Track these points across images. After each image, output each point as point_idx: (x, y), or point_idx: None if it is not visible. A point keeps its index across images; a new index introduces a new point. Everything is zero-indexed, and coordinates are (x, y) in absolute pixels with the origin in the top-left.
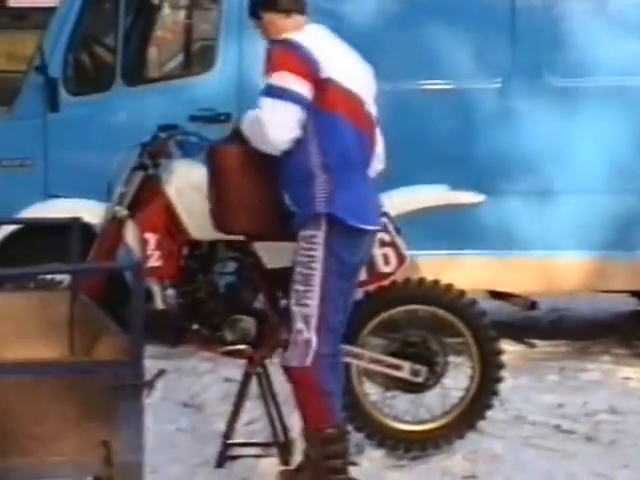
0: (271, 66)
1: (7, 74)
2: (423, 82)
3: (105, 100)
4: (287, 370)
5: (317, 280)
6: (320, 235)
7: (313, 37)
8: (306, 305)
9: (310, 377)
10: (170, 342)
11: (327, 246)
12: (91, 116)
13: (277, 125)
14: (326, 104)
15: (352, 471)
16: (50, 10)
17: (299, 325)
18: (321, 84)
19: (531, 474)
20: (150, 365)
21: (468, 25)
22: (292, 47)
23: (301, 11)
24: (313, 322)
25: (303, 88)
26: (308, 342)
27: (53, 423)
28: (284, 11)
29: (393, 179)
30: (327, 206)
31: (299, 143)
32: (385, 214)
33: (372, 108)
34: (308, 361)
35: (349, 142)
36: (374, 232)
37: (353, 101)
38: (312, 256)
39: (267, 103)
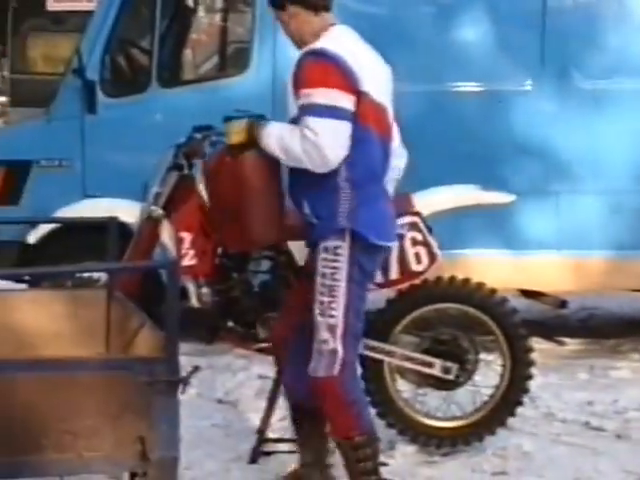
0: (310, 81)
1: (45, 76)
2: (454, 84)
3: (141, 101)
4: (313, 381)
5: (342, 290)
6: (344, 246)
7: (344, 44)
8: (331, 316)
9: (337, 387)
10: (205, 339)
11: (351, 257)
12: (127, 117)
13: (335, 147)
14: (360, 117)
15: (383, 470)
16: (88, 14)
17: (324, 335)
18: (359, 97)
19: (561, 471)
20: (185, 362)
21: (499, 27)
22: (330, 59)
23: (328, 9)
24: (338, 332)
25: (350, 103)
26: (334, 352)
27: (90, 419)
28: (313, 7)
29: (425, 179)
30: (350, 222)
31: None
32: (417, 213)
33: (391, 112)
34: (335, 371)
35: (375, 156)
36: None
37: (379, 111)
38: (336, 267)
39: (320, 125)
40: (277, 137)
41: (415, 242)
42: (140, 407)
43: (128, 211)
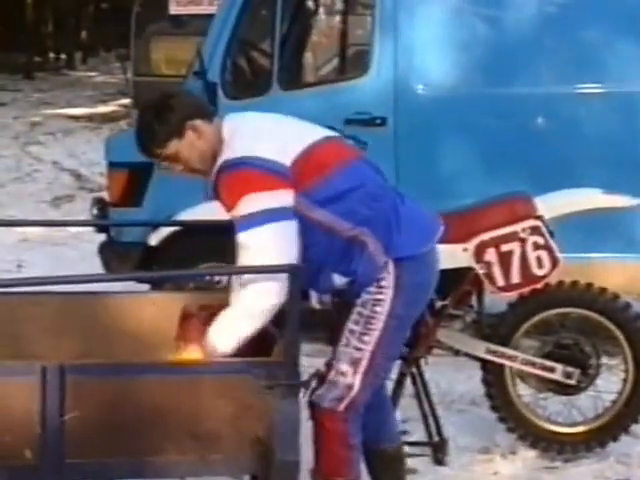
0: (231, 199)
1: (167, 78)
2: (577, 86)
3: (262, 104)
4: (314, 408)
5: (379, 325)
6: (389, 278)
7: (242, 138)
8: (358, 349)
9: (338, 425)
10: (326, 340)
11: (396, 288)
12: None
13: (282, 248)
14: (312, 178)
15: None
16: (209, 17)
17: (344, 367)
18: (292, 173)
19: None
20: (306, 363)
21: (621, 27)
22: (239, 166)
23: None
24: (361, 368)
25: (281, 199)
26: (350, 387)
27: (211, 422)
28: (208, 115)
29: (548, 182)
30: (388, 254)
31: (316, 229)
32: (539, 217)
33: (332, 133)
34: (342, 406)
35: (359, 183)
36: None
37: (326, 147)
38: (379, 299)
39: (257, 234)
40: (223, 335)
41: (537, 246)
42: (261, 410)
43: None
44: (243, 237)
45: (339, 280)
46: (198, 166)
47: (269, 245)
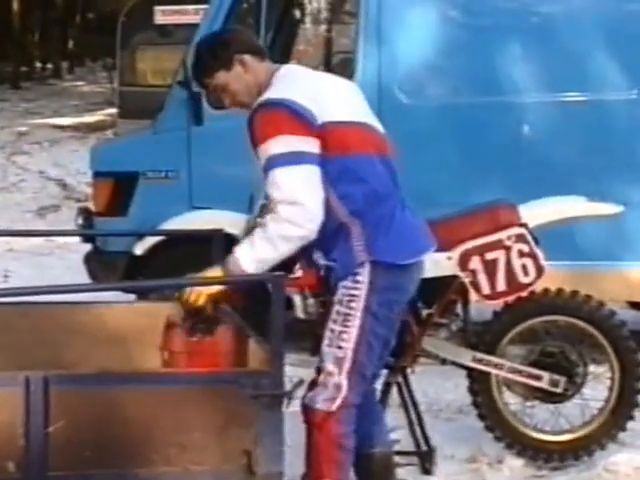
0: (263, 135)
1: (153, 88)
2: (560, 94)
3: (246, 113)
4: (307, 411)
5: (356, 322)
6: (364, 273)
7: (289, 83)
8: (340, 347)
9: (332, 425)
10: (310, 350)
11: (371, 285)
12: (233, 129)
13: (307, 192)
14: (331, 150)
15: None
16: (194, 26)
17: (330, 367)
18: (325, 130)
19: None
20: (290, 372)
21: (604, 36)
22: (276, 107)
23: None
24: (346, 366)
25: (309, 145)
26: (338, 386)
27: (196, 432)
28: (259, 53)
29: (532, 190)
30: (368, 254)
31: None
32: (523, 225)
33: (379, 125)
34: (334, 407)
35: (371, 178)
36: (423, 260)
37: (360, 131)
38: (354, 295)
39: (284, 175)
40: (248, 257)
41: (522, 254)
42: (245, 421)
43: (234, 223)
44: (274, 175)
45: (321, 260)
46: (244, 99)
47: (297, 184)
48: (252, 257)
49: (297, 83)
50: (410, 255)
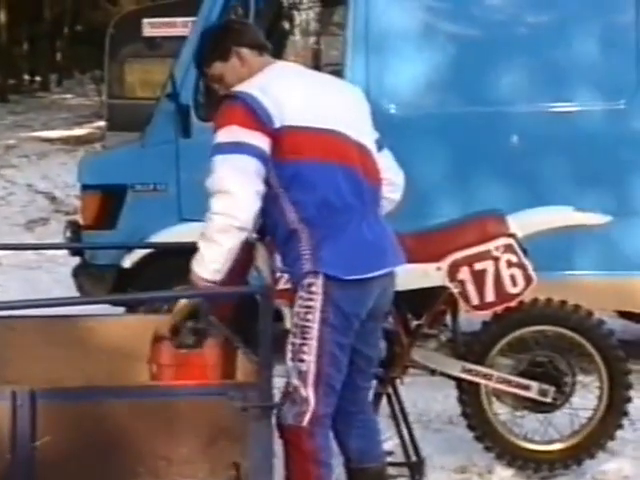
0: (217, 125)
1: (141, 101)
2: (548, 105)
3: None
4: (281, 427)
5: (314, 333)
6: (318, 284)
7: (265, 79)
8: (302, 360)
9: (305, 440)
10: None
11: (325, 296)
12: None
13: (239, 182)
14: (286, 153)
15: None
16: (183, 39)
17: (295, 382)
18: (274, 134)
19: None
20: (279, 384)
21: (591, 46)
22: (236, 99)
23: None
24: (310, 379)
25: (257, 140)
26: (305, 400)
27: (184, 445)
28: (258, 47)
29: (520, 200)
30: (313, 264)
31: (273, 202)
32: (512, 235)
33: (363, 136)
34: (305, 422)
35: (324, 187)
36: (387, 275)
37: (324, 138)
38: (309, 307)
39: (218, 162)
40: (201, 265)
41: (510, 264)
42: (234, 433)
43: None
44: (212, 162)
45: (278, 264)
46: None
47: (229, 172)
48: (204, 263)
49: (271, 81)
50: (356, 271)
